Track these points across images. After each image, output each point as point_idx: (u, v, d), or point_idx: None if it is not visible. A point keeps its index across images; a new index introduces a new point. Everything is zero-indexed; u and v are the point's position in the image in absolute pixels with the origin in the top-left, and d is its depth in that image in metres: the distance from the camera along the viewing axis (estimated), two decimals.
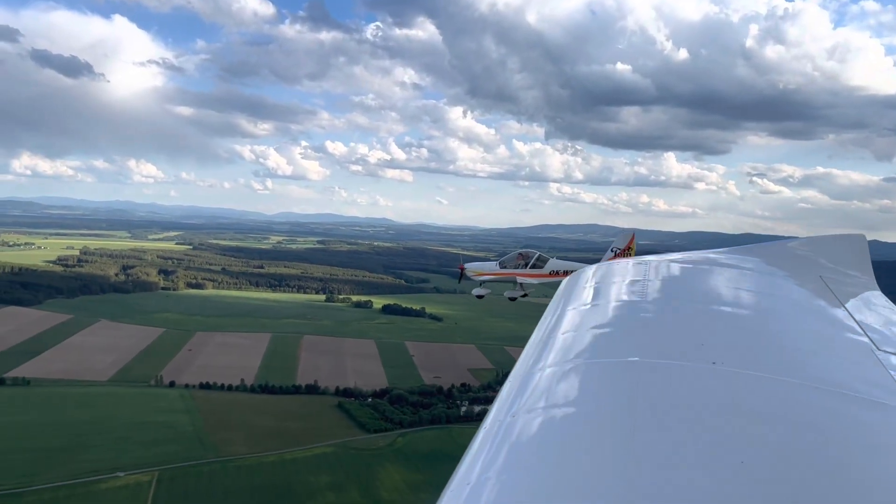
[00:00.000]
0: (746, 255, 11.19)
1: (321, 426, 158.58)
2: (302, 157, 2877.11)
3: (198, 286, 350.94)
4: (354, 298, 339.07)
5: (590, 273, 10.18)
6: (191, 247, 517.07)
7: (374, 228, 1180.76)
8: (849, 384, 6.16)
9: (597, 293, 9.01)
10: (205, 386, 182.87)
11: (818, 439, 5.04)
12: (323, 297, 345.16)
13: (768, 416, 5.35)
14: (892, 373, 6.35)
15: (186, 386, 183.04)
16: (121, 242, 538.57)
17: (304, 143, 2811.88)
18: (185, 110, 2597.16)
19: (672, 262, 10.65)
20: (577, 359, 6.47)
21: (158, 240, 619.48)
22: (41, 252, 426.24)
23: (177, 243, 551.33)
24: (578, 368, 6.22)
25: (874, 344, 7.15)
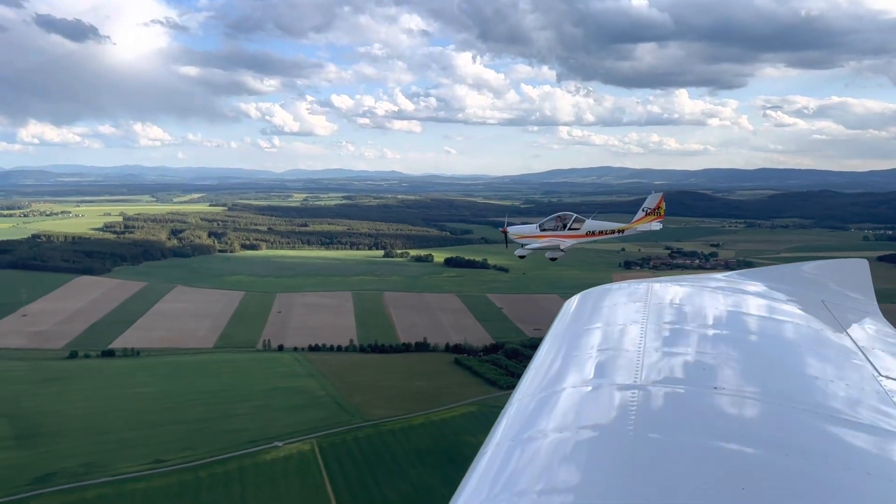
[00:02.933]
0: (749, 279, 11.57)
1: (450, 384, 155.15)
2: (309, 113, 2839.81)
3: (252, 247, 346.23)
4: (413, 253, 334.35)
5: (594, 296, 10.48)
6: (225, 207, 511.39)
7: (386, 182, 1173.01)
8: (851, 410, 6.29)
9: (600, 316, 9.10)
10: (314, 348, 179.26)
11: (820, 466, 5.24)
12: (380, 252, 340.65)
13: (770, 442, 5.51)
14: (894, 399, 6.56)
15: (295, 349, 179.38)
16: (151, 207, 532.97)
17: (310, 98, 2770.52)
18: (190, 70, 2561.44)
19: (674, 286, 10.78)
20: (579, 383, 6.70)
21: (184, 202, 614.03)
22: (81, 220, 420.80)
23: (210, 205, 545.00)
24: (581, 392, 6.46)
25: (876, 370, 7.39)
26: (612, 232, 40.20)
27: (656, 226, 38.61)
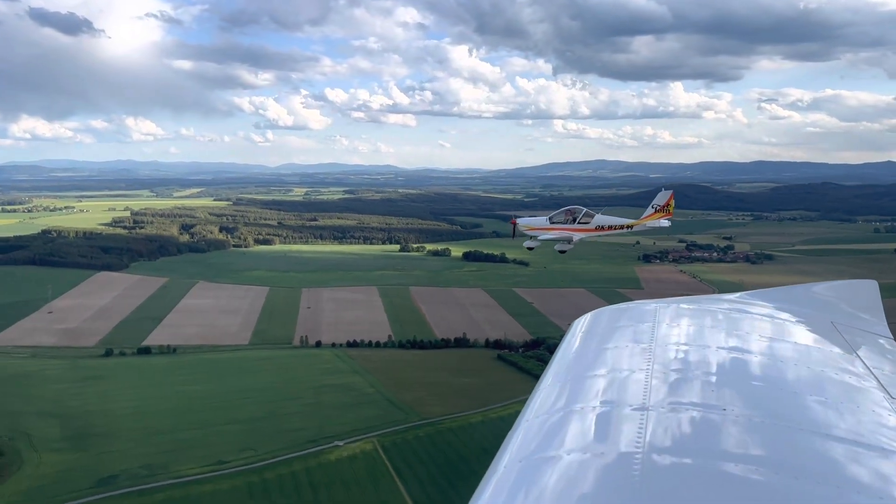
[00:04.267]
0: (759, 300, 11.43)
1: (498, 381, 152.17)
2: (303, 107, 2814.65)
3: (265, 242, 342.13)
4: (429, 247, 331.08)
5: (602, 317, 10.38)
6: (230, 202, 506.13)
7: (382, 175, 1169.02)
8: (862, 434, 6.27)
9: (609, 338, 9.07)
10: (352, 344, 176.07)
11: (832, 490, 5.25)
12: (396, 247, 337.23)
13: (779, 464, 5.56)
14: None
15: (333, 345, 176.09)
16: (155, 202, 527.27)
17: (304, 92, 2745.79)
18: (184, 64, 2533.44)
19: (684, 307, 10.61)
20: (588, 405, 6.71)
21: (185, 197, 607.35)
22: (87, 216, 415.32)
23: (214, 199, 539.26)
24: (589, 414, 6.48)
25: (887, 392, 7.39)
26: (622, 227, 40.02)
27: (665, 223, 38.79)
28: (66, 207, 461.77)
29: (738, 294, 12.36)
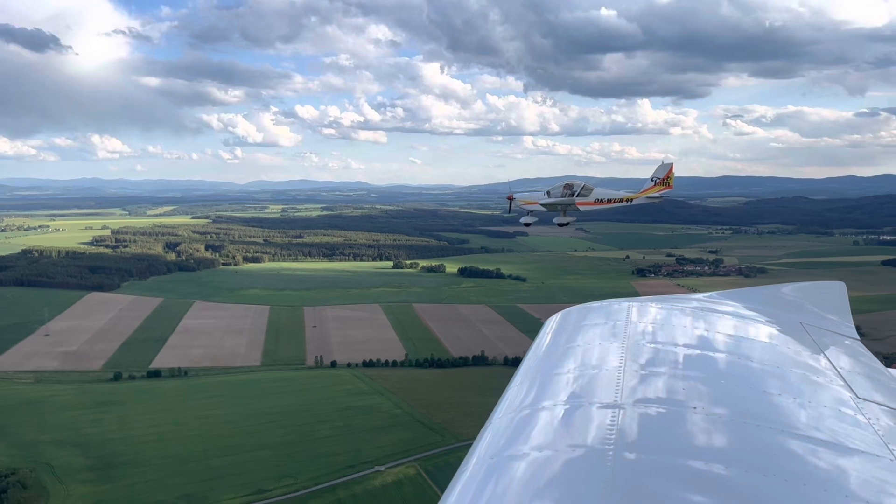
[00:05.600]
0: (728, 300, 11.46)
1: None
2: (273, 124, 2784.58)
3: (254, 259, 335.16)
4: (423, 263, 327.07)
5: (574, 315, 10.22)
6: (209, 220, 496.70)
7: (354, 192, 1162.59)
8: (830, 432, 6.37)
9: (581, 336, 9.03)
10: (368, 364, 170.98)
11: (799, 487, 5.35)
12: (389, 263, 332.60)
13: (748, 462, 5.61)
14: (872, 421, 6.67)
15: (349, 365, 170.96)
16: (132, 220, 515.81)
17: (274, 109, 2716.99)
18: (152, 81, 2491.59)
19: (654, 306, 10.55)
20: (559, 402, 6.71)
21: (159, 215, 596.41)
22: (64, 235, 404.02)
23: (192, 217, 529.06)
24: (561, 412, 6.49)
25: (853, 392, 7.51)
26: (620, 201, 39.62)
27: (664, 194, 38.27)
28: (40, 227, 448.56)
29: (708, 294, 12.31)
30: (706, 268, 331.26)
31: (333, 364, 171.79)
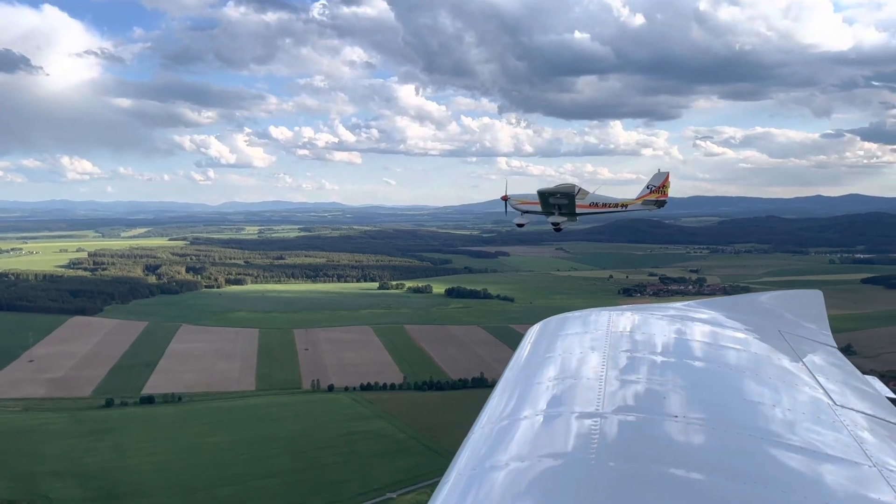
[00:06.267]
0: (708, 308, 11.48)
1: None
2: (247, 145, 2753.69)
3: (237, 282, 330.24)
4: (409, 284, 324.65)
5: (554, 324, 10.25)
6: (187, 242, 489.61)
7: (329, 213, 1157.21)
8: (808, 439, 6.45)
9: (561, 345, 8.97)
10: (366, 387, 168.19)
11: (779, 494, 5.39)
12: (374, 284, 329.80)
13: (729, 471, 5.68)
14: (850, 428, 6.72)
15: (346, 388, 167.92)
16: (107, 242, 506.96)
17: (248, 130, 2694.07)
18: (124, 102, 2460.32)
19: (634, 314, 10.53)
20: (541, 412, 6.69)
21: (134, 237, 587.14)
22: (39, 258, 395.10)
23: (169, 239, 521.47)
24: (542, 421, 6.46)
25: (831, 399, 7.57)
26: (616, 206, 39.76)
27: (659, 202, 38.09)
28: (12, 249, 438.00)
29: (686, 302, 12.32)
30: (690, 287, 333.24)
31: (331, 388, 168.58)
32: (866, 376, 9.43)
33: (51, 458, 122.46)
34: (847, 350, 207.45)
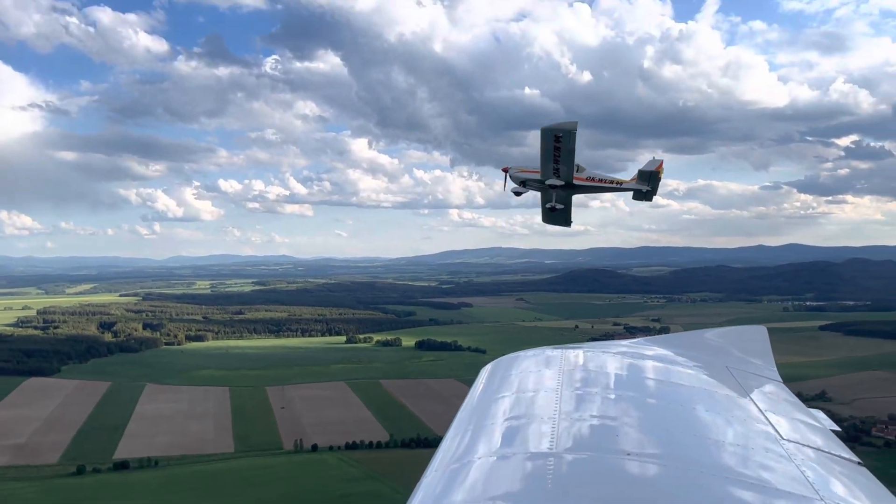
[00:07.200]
0: (657, 345, 11.69)
1: None
2: (195, 198, 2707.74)
3: (198, 338, 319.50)
4: (377, 337, 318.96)
5: (506, 363, 10.16)
6: (139, 297, 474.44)
7: (280, 266, 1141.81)
8: (759, 475, 6.50)
9: (515, 384, 8.96)
10: (351, 446, 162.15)
11: None
12: (341, 338, 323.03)
13: None
14: (797, 463, 6.79)
15: (331, 448, 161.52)
16: (49, 299, 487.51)
17: (196, 183, 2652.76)
18: (68, 155, 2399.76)
19: (586, 352, 10.65)
20: (494, 452, 6.65)
21: (81, 294, 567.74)
22: None
23: (120, 295, 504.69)
24: (496, 461, 6.43)
25: (779, 434, 7.67)
26: (612, 182, 40.32)
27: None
28: None
29: (636, 340, 12.56)
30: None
31: (314, 447, 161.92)
32: (811, 410, 9.48)
33: None
34: (822, 397, 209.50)
